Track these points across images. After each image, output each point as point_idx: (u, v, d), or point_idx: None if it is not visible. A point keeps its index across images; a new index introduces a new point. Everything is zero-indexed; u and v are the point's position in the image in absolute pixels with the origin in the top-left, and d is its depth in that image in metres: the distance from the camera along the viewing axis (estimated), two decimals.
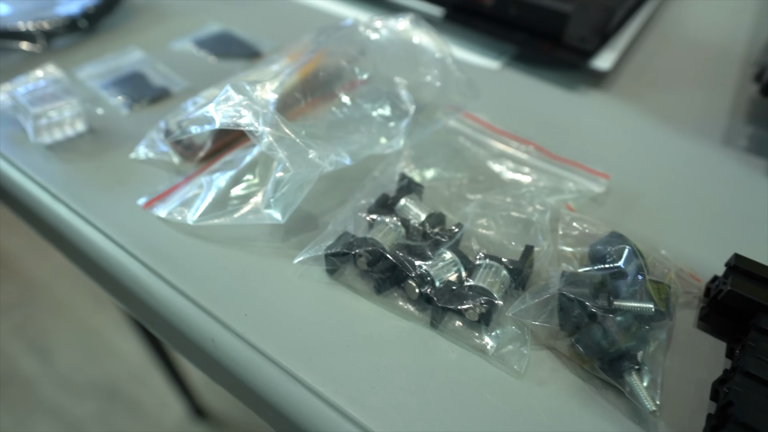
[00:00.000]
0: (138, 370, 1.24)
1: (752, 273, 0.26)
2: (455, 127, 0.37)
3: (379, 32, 0.36)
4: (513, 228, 0.30)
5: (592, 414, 0.23)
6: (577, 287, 0.24)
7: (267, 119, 0.28)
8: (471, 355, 0.25)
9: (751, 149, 0.39)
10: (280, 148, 0.27)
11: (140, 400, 1.22)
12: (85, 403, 1.19)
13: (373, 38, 0.36)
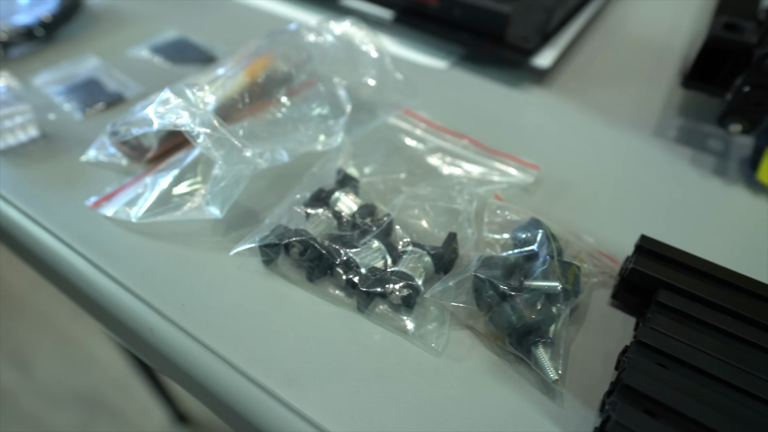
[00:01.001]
0: (119, 379, 1.24)
1: (656, 252, 0.28)
2: (396, 125, 0.39)
3: (321, 35, 0.38)
4: (441, 217, 0.31)
5: (503, 386, 0.25)
6: (491, 269, 0.26)
7: (203, 120, 0.29)
8: (394, 336, 0.26)
9: (680, 140, 0.41)
10: (215, 147, 0.29)
11: (122, 408, 1.22)
12: (66, 414, 1.19)
13: (314, 41, 0.37)
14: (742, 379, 0.23)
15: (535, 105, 0.44)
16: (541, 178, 0.36)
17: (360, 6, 0.53)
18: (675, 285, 0.26)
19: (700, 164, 0.39)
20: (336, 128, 0.34)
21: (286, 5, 0.55)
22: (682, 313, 0.25)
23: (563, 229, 0.31)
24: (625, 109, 0.44)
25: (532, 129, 0.42)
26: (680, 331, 0.24)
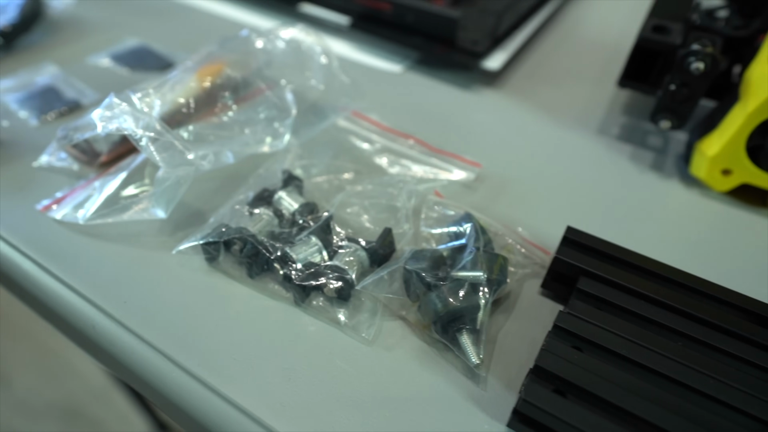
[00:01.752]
0: (98, 389, 1.24)
1: (580, 243, 0.29)
2: (345, 126, 0.40)
3: (270, 41, 0.39)
4: (381, 214, 0.32)
5: (430, 372, 0.26)
6: (419, 262, 0.27)
7: (146, 124, 0.30)
8: (328, 328, 0.27)
9: (622, 137, 0.43)
10: (157, 150, 0.30)
11: (102, 418, 1.21)
12: (44, 425, 1.18)
13: (264, 47, 0.39)
14: (656, 361, 0.24)
15: (485, 106, 0.46)
16: (485, 175, 0.38)
17: (319, 13, 0.54)
18: (595, 273, 0.27)
19: (639, 160, 0.41)
20: (282, 131, 0.35)
21: (247, 13, 0.56)
22: (600, 299, 0.26)
23: (498, 222, 0.32)
24: (571, 108, 0.46)
25: (479, 129, 0.43)
26: (597, 316, 0.26)
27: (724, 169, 0.36)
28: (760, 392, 0.23)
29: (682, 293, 0.27)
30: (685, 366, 0.24)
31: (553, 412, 0.22)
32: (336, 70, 0.39)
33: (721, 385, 0.23)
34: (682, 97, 0.35)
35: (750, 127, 0.33)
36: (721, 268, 0.32)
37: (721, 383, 0.23)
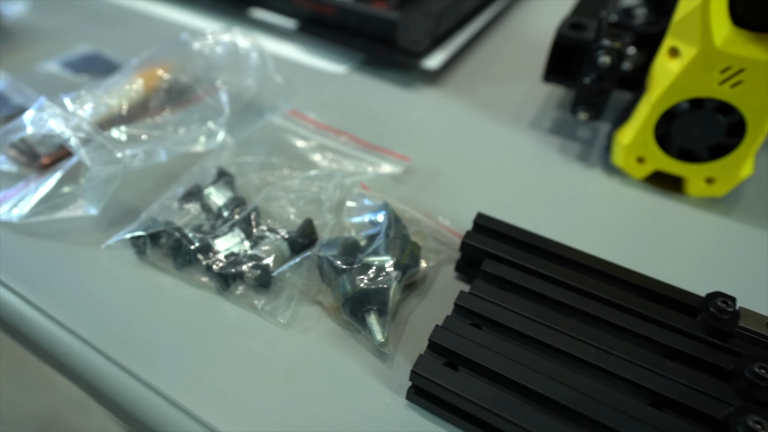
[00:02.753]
0: (76, 398, 1.23)
1: (489, 228, 0.30)
2: (282, 125, 0.41)
3: (208, 44, 0.40)
4: (307, 206, 0.34)
5: (341, 352, 0.27)
6: (331, 248, 0.28)
7: (75, 125, 0.31)
8: (248, 314, 0.29)
9: (553, 130, 0.45)
10: (86, 149, 0.31)
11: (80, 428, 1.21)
12: None
13: (201, 49, 0.40)
14: (549, 336, 0.25)
15: (424, 103, 0.47)
16: (415, 168, 0.39)
17: (268, 17, 0.56)
18: (499, 255, 0.29)
19: (566, 151, 0.42)
20: (216, 130, 0.36)
21: (199, 18, 0.58)
22: (502, 280, 0.28)
23: (419, 212, 0.34)
24: (507, 105, 0.48)
25: (416, 125, 0.45)
26: (497, 295, 0.27)
27: (638, 157, 0.38)
28: (644, 361, 0.24)
29: (583, 273, 0.28)
30: (575, 339, 0.25)
31: (443, 383, 0.23)
32: (270, 70, 0.40)
33: (606, 354, 0.25)
34: (596, 89, 0.37)
35: (655, 116, 0.35)
36: (633, 250, 0.34)
37: (607, 353, 0.25)
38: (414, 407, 0.25)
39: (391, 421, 0.25)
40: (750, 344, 0.25)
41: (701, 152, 0.35)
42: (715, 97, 0.33)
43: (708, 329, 0.25)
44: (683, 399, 0.23)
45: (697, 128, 0.34)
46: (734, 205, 0.38)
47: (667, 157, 0.36)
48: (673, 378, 0.24)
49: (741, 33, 0.31)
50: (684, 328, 0.25)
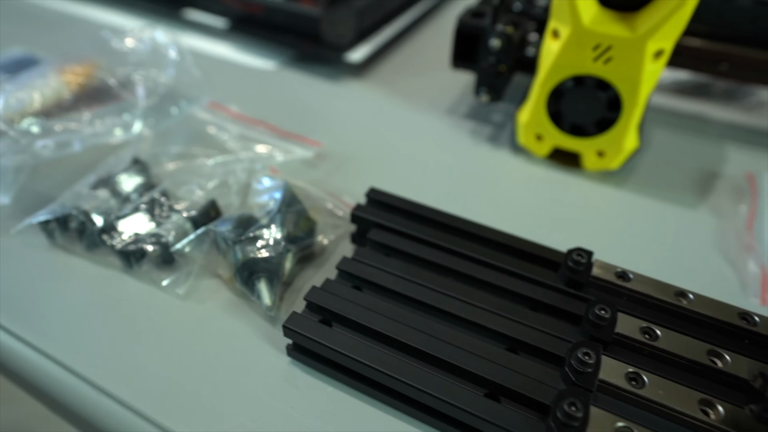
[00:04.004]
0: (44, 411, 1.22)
1: (381, 201, 0.32)
2: (203, 117, 0.43)
3: (129, 41, 0.42)
4: (216, 189, 0.36)
5: (236, 319, 0.29)
6: (225, 224, 0.30)
7: None
8: (149, 288, 0.30)
9: (468, 115, 0.47)
10: None
11: None
12: None
13: (122, 47, 0.42)
14: (424, 294, 0.27)
15: (347, 95, 0.50)
16: (329, 153, 0.41)
17: (200, 17, 0.58)
18: (383, 224, 0.31)
19: (478, 134, 0.45)
20: (132, 121, 0.38)
21: (134, 20, 0.59)
22: (387, 246, 0.30)
23: (324, 191, 0.36)
24: (427, 94, 0.50)
25: (335, 115, 0.47)
26: (379, 260, 0.29)
27: (537, 135, 0.40)
28: (506, 311, 0.26)
29: (463, 238, 0.30)
30: (447, 296, 0.27)
31: (314, 337, 0.25)
32: (188, 64, 0.42)
33: (473, 308, 0.27)
34: (493, 71, 0.39)
35: (545, 94, 0.37)
36: (528, 220, 0.36)
37: (474, 307, 0.27)
38: (296, 364, 0.27)
39: (275, 377, 0.26)
40: (601, 291, 0.27)
41: (589, 127, 0.38)
42: (593, 74, 0.35)
43: (566, 281, 0.27)
44: (536, 342, 0.25)
45: (582, 104, 0.37)
46: (627, 178, 0.40)
47: (561, 134, 0.39)
48: (530, 325, 0.26)
49: (607, 12, 0.33)
50: (545, 281, 0.27)
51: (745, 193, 0.38)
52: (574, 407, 0.21)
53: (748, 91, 0.49)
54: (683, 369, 0.24)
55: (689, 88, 0.51)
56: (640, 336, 0.24)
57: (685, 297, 0.26)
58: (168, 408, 0.25)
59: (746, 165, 0.41)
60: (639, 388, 0.22)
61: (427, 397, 0.23)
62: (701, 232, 0.36)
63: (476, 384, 0.24)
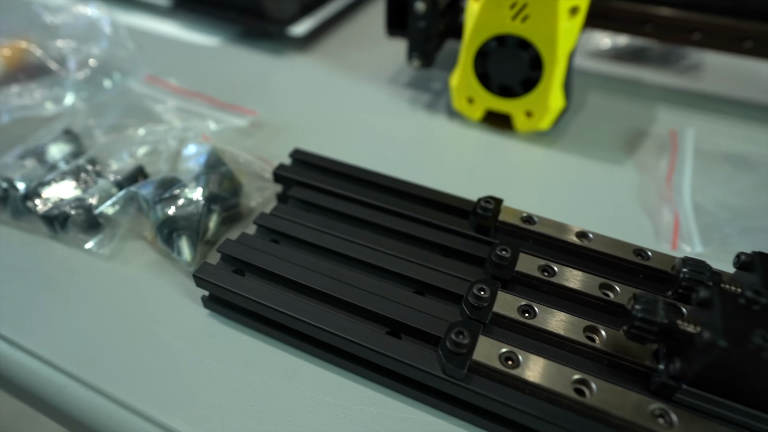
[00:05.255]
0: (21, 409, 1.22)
1: (305, 161, 0.33)
2: (140, 90, 0.43)
3: (62, 15, 0.42)
4: (147, 157, 0.36)
5: (158, 277, 0.29)
6: (147, 186, 0.31)
7: None
8: (75, 252, 0.31)
9: (409, 84, 0.48)
10: None
11: None
12: None
13: (54, 21, 0.42)
14: (338, 245, 0.28)
15: (290, 68, 0.50)
16: (267, 123, 0.42)
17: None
18: (304, 181, 0.31)
19: (416, 102, 0.45)
20: (63, 94, 0.38)
21: None
22: (306, 202, 0.31)
23: (253, 156, 0.36)
24: (370, 65, 0.50)
25: (276, 87, 0.47)
26: (297, 215, 0.30)
27: (468, 98, 0.41)
28: (416, 258, 0.27)
29: (383, 193, 0.31)
30: (361, 245, 0.28)
31: (225, 285, 0.25)
32: (123, 38, 0.42)
33: (386, 256, 0.27)
34: (422, 36, 0.40)
35: (471, 56, 0.38)
36: (456, 178, 0.37)
37: (387, 255, 0.27)
38: (215, 316, 0.27)
39: (192, 329, 0.27)
40: (508, 236, 0.28)
41: (516, 87, 0.38)
42: (513, 33, 0.36)
43: (475, 227, 0.28)
44: (441, 284, 0.26)
45: (507, 64, 0.37)
46: (558, 138, 0.41)
47: (491, 95, 0.40)
48: (438, 269, 0.26)
49: None
50: (456, 229, 0.28)
51: (668, 148, 0.39)
52: (461, 335, 0.21)
53: (681, 54, 0.50)
54: (578, 302, 0.25)
55: (627, 54, 0.52)
56: (538, 273, 0.25)
57: (586, 237, 0.27)
58: (91, 365, 0.25)
59: (673, 123, 0.43)
60: (530, 318, 0.23)
61: (331, 336, 0.24)
62: (625, 185, 0.37)
63: (379, 323, 0.24)
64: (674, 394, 0.20)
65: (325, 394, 0.24)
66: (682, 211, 0.34)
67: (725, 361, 0.18)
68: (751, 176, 0.37)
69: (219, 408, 0.24)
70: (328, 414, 0.23)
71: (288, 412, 0.23)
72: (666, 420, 0.20)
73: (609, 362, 0.22)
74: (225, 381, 0.25)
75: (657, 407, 0.20)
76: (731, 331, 0.18)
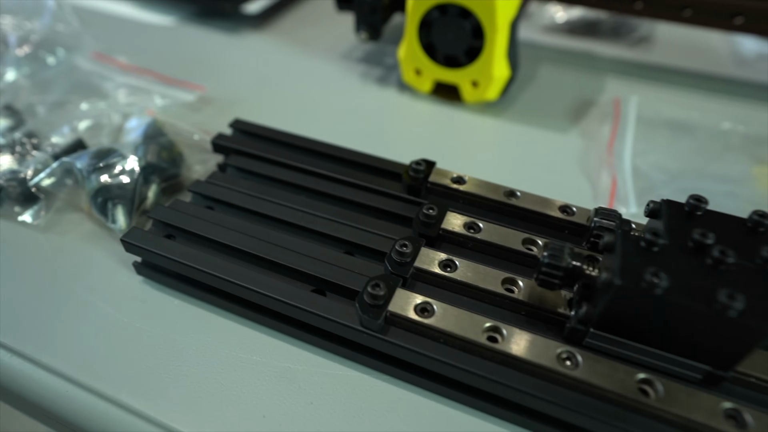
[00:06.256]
0: None
1: (245, 130, 0.33)
2: (88, 67, 0.43)
3: None
4: (89, 131, 0.36)
5: (95, 246, 0.29)
6: (82, 157, 0.30)
7: None
8: (10, 224, 0.31)
9: (362, 60, 0.48)
10: None
11: None
12: None
13: None
14: (275, 210, 0.28)
15: (244, 45, 0.50)
16: (216, 99, 0.41)
17: None
18: (242, 150, 0.31)
19: (368, 76, 0.45)
20: (3, 70, 0.38)
21: None
22: (243, 170, 0.31)
23: (197, 129, 0.36)
24: (325, 42, 0.50)
25: (228, 64, 0.47)
26: (233, 181, 0.30)
27: (416, 69, 0.41)
28: (348, 220, 0.27)
29: (321, 160, 0.31)
30: (295, 210, 0.28)
31: (153, 249, 0.25)
32: (67, 14, 0.41)
33: (318, 219, 0.27)
34: (367, 8, 0.40)
35: (414, 26, 0.38)
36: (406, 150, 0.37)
37: (319, 218, 0.28)
38: (148, 282, 0.28)
39: (125, 295, 0.27)
40: (437, 196, 0.28)
41: (460, 57, 0.39)
42: (454, 2, 0.36)
43: (406, 189, 0.28)
44: (369, 243, 0.26)
45: (450, 34, 0.38)
46: (507, 108, 0.42)
47: (437, 66, 0.40)
48: (368, 230, 0.27)
49: None
50: (388, 191, 0.29)
51: (612, 116, 0.40)
52: (377, 287, 0.22)
53: (631, 27, 0.51)
54: (501, 257, 0.25)
55: (580, 27, 0.52)
56: (464, 230, 0.25)
57: (514, 195, 0.27)
58: (21, 333, 0.25)
59: (619, 93, 0.43)
60: (451, 272, 0.23)
61: (257, 296, 0.24)
62: (568, 152, 0.38)
63: (306, 282, 0.25)
64: (584, 338, 0.21)
65: (253, 353, 0.24)
66: (620, 175, 0.35)
67: (623, 300, 0.19)
68: (689, 141, 0.38)
69: (147, 369, 0.24)
70: (255, 372, 0.24)
71: (216, 372, 0.24)
72: (573, 362, 0.20)
73: (527, 312, 0.23)
74: (154, 344, 0.25)
75: (564, 350, 0.20)
76: (628, 271, 0.19)
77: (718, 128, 0.39)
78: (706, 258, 0.19)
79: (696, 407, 0.19)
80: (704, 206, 0.21)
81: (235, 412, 0.22)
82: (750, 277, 0.19)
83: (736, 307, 0.17)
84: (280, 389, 0.23)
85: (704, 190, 0.34)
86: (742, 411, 0.19)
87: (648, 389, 0.19)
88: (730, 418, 0.18)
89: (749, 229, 0.21)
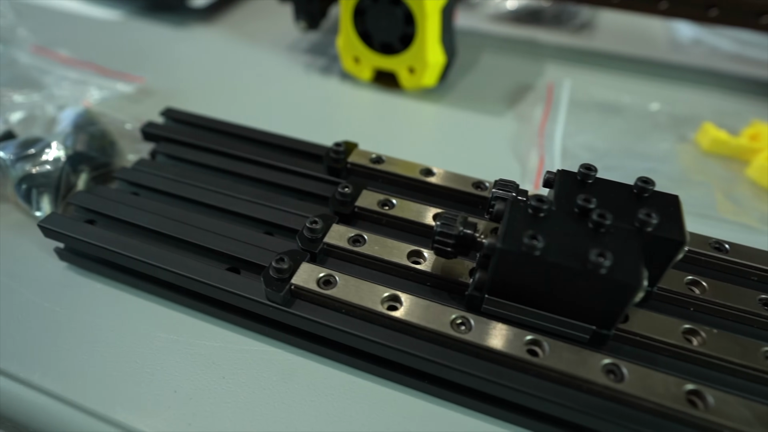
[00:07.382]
0: None
1: (177, 118, 0.33)
2: (27, 61, 0.43)
3: None
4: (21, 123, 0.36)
5: (20, 235, 0.29)
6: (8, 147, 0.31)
7: None
8: None
9: (307, 50, 0.48)
10: None
11: None
12: None
13: None
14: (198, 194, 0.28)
15: (190, 39, 0.50)
16: (157, 91, 0.42)
17: None
18: (170, 137, 0.32)
19: (312, 66, 0.46)
20: None
21: None
22: (171, 156, 0.31)
23: (128, 116, 0.36)
24: (272, 34, 0.51)
25: (172, 56, 0.47)
26: (159, 167, 0.30)
27: (355, 57, 0.42)
28: (268, 201, 0.28)
29: (249, 145, 0.32)
30: (218, 193, 0.28)
31: (71, 234, 0.26)
32: (3, 8, 0.41)
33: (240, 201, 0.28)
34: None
35: (349, 15, 0.39)
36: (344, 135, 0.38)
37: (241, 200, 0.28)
38: (73, 268, 0.28)
39: (49, 281, 0.27)
40: (357, 176, 0.29)
41: (395, 43, 0.39)
42: None
43: (327, 170, 0.29)
44: (287, 223, 0.26)
45: (383, 21, 0.38)
46: (446, 95, 0.43)
47: (374, 54, 0.40)
48: (287, 210, 0.27)
49: None
50: (310, 173, 0.29)
51: (544, 100, 0.41)
52: (281, 261, 0.22)
53: (572, 14, 0.52)
54: (414, 232, 0.26)
55: (524, 16, 0.53)
56: (377, 207, 0.26)
57: (431, 173, 0.28)
58: None
59: (555, 78, 0.44)
60: (359, 246, 0.24)
61: (170, 274, 0.24)
62: (502, 135, 0.38)
63: (221, 261, 0.25)
64: (481, 305, 0.22)
65: (169, 332, 0.25)
66: (548, 155, 0.36)
67: (508, 264, 0.20)
68: (618, 122, 0.39)
69: (64, 351, 0.24)
70: (172, 350, 0.24)
71: (132, 352, 0.24)
72: (466, 326, 0.21)
73: (432, 283, 0.23)
74: (73, 327, 0.25)
75: (458, 316, 0.21)
76: (510, 235, 0.19)
77: (647, 109, 0.40)
78: (588, 222, 0.20)
79: (579, 364, 0.20)
80: (593, 174, 0.22)
81: (146, 388, 0.23)
82: (626, 238, 0.19)
83: (605, 265, 0.18)
84: (195, 365, 0.24)
85: (628, 167, 0.35)
86: (620, 365, 0.19)
87: (536, 349, 0.20)
88: (609, 373, 0.19)
89: (634, 195, 0.22)
